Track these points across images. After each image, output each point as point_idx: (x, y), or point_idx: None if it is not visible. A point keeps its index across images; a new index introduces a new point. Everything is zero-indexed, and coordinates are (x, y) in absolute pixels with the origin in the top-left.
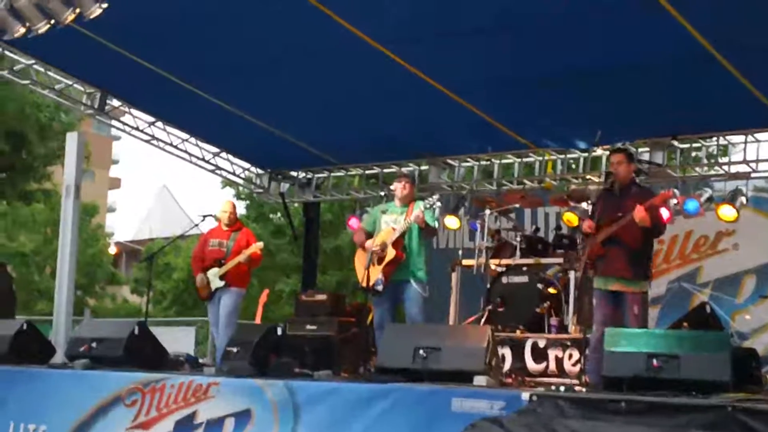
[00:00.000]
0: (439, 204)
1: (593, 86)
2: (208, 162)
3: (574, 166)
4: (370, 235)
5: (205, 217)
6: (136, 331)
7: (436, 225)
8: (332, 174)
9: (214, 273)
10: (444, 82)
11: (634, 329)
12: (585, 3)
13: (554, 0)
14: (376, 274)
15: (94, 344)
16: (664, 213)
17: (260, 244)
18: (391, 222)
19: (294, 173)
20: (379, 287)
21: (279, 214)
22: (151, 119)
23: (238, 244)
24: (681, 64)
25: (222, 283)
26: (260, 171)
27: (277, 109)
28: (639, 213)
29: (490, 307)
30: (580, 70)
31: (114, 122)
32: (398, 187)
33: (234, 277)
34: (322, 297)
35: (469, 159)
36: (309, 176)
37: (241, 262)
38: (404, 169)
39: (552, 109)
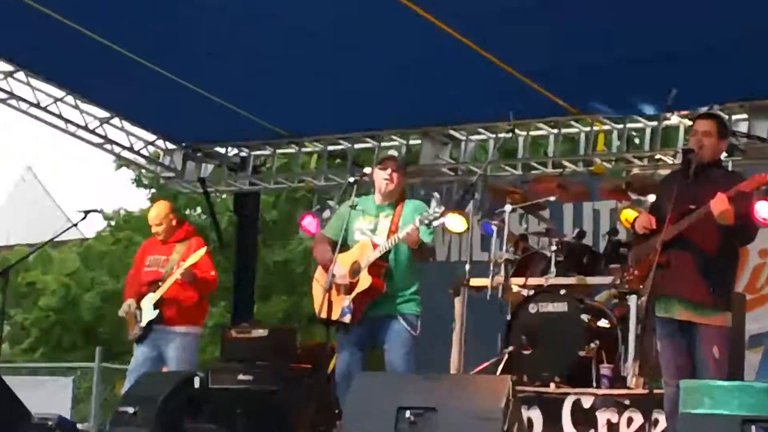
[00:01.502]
0: (438, 215)
1: (666, 20)
2: (93, 132)
3: (637, 140)
4: (335, 246)
5: (87, 213)
6: None
7: (433, 243)
8: (278, 151)
9: (148, 300)
10: (443, 15)
11: (720, 382)
12: None
13: None
14: (342, 301)
15: None
16: (763, 208)
17: (201, 251)
18: (368, 229)
19: (221, 149)
20: (346, 318)
21: (198, 210)
22: (9, 68)
23: (183, 259)
24: None
25: (155, 314)
26: (171, 145)
27: (197, 56)
28: (719, 203)
29: (511, 348)
30: None
31: None
32: (381, 176)
33: (178, 310)
34: (261, 333)
35: (481, 130)
36: (244, 154)
37: (185, 284)
38: (390, 149)
39: (605, 58)
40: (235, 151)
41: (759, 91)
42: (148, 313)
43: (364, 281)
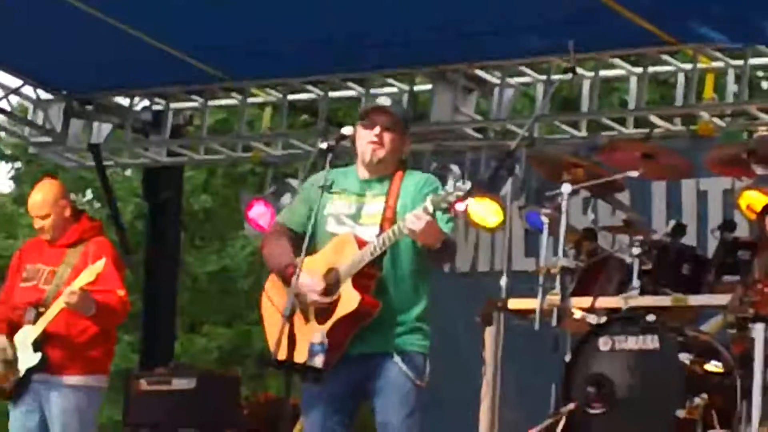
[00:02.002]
0: (463, 194)
1: None
2: None
3: (765, 85)
4: (300, 243)
5: None
6: None
7: (454, 237)
8: (211, 103)
9: (25, 336)
10: None
11: None
12: None
13: None
14: (311, 334)
15: None
16: None
17: (99, 264)
18: (347, 214)
19: (123, 100)
20: (319, 361)
21: (88, 195)
22: None
23: (77, 273)
24: None
25: (36, 358)
26: (45, 95)
27: None
28: None
29: (571, 406)
30: None
31: None
32: (365, 137)
33: (68, 351)
34: (185, 384)
35: (525, 69)
36: (158, 107)
37: (67, 307)
38: (381, 96)
39: None
40: (145, 102)
41: None
42: (26, 357)
43: (348, 300)
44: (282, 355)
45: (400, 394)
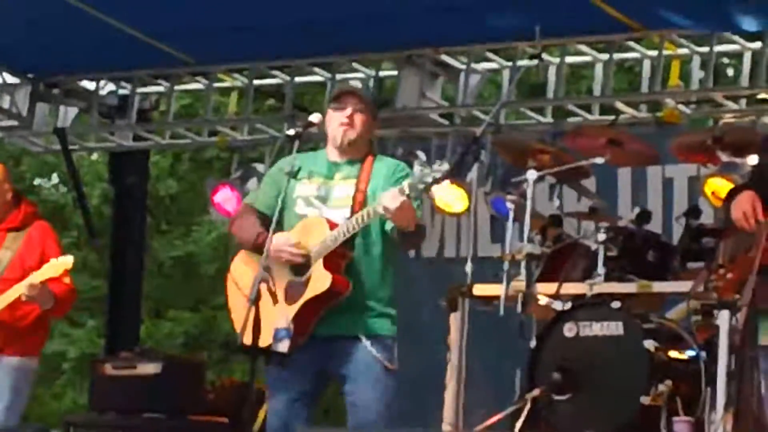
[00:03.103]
0: (440, 176)
1: None
2: None
3: (730, 72)
4: (267, 225)
5: None
6: None
7: (423, 221)
8: (178, 88)
9: None
10: None
11: None
12: None
13: None
14: (277, 318)
15: None
16: None
17: (68, 259)
18: (316, 196)
19: (89, 84)
20: (284, 347)
21: (54, 180)
22: None
23: (21, 258)
24: None
25: None
26: (11, 78)
27: None
28: None
29: (537, 392)
30: None
31: None
32: (336, 119)
33: (10, 332)
34: (151, 368)
35: (490, 55)
36: (124, 92)
37: (25, 300)
38: (350, 80)
39: None
40: (111, 87)
41: None
42: None
43: (320, 280)
44: (247, 340)
45: (371, 377)
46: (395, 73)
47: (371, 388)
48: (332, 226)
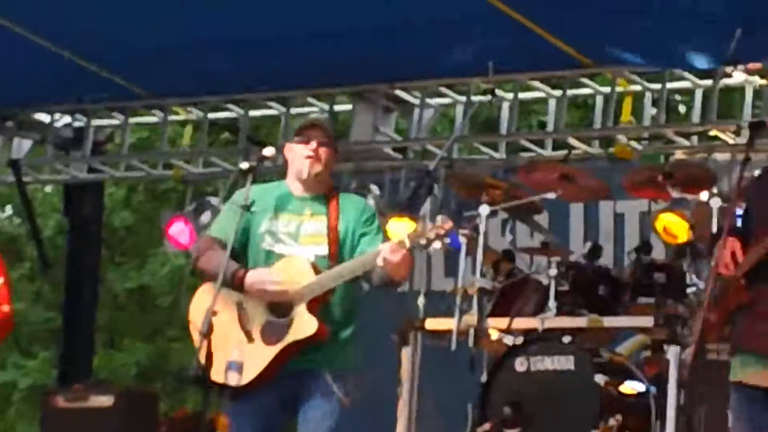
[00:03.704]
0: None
1: None
2: None
3: (682, 108)
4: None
5: None
6: None
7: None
8: (133, 120)
9: None
10: None
11: None
12: None
13: None
14: (233, 350)
15: None
16: None
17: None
18: (287, 233)
19: (44, 117)
20: (233, 380)
21: (8, 211)
22: None
23: None
24: None
25: None
26: None
27: None
28: None
29: (487, 426)
30: None
31: None
32: (301, 153)
33: None
34: (103, 400)
35: (444, 90)
36: (79, 124)
37: None
38: (305, 114)
39: None
40: (66, 119)
41: None
42: None
43: (304, 325)
44: (200, 372)
45: (325, 410)
46: (349, 107)
47: (321, 420)
48: (316, 271)
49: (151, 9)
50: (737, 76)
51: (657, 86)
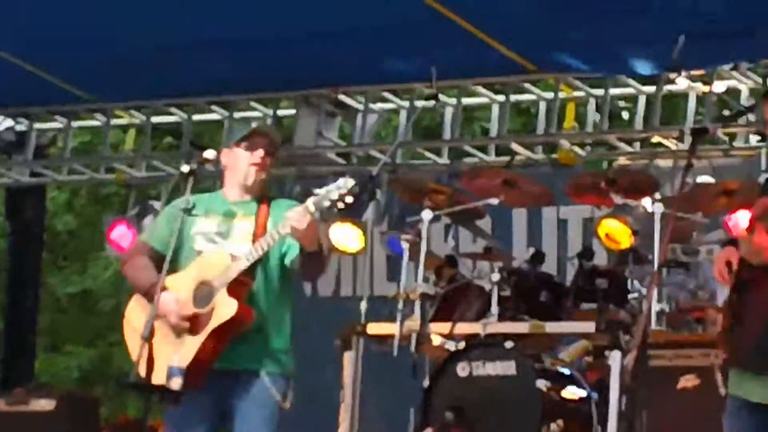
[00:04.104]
0: (345, 192)
1: None
2: None
3: (625, 114)
4: (162, 262)
5: None
6: None
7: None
8: (75, 124)
9: None
10: None
11: None
12: None
13: None
14: (173, 355)
15: None
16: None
17: None
18: (216, 232)
19: None
20: (175, 385)
21: None
22: None
23: None
24: None
25: None
26: None
27: None
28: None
29: (429, 430)
30: None
31: None
32: (247, 160)
33: None
34: (44, 405)
35: (387, 95)
36: (21, 128)
37: None
38: (248, 119)
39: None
40: (8, 123)
41: None
42: None
43: (225, 306)
44: (144, 374)
45: (263, 415)
46: (293, 112)
47: (261, 424)
48: (234, 258)
49: (95, 13)
50: (680, 83)
51: (600, 92)
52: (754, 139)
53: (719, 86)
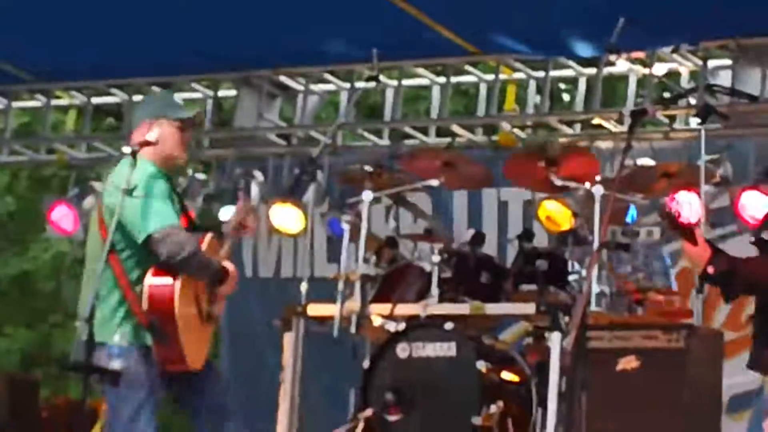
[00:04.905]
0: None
1: None
2: None
3: (565, 96)
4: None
5: None
6: None
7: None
8: (16, 104)
9: None
10: None
11: None
12: None
13: None
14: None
15: None
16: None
17: None
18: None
19: None
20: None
21: None
22: None
23: None
24: None
25: None
26: None
27: None
28: None
29: (369, 412)
30: None
31: None
32: (182, 140)
33: None
34: None
35: (328, 77)
36: None
37: None
38: (189, 100)
39: None
40: None
41: (749, 25)
42: None
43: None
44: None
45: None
46: (234, 93)
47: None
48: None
49: None
50: (621, 65)
51: (541, 74)
52: (694, 122)
53: (659, 69)
